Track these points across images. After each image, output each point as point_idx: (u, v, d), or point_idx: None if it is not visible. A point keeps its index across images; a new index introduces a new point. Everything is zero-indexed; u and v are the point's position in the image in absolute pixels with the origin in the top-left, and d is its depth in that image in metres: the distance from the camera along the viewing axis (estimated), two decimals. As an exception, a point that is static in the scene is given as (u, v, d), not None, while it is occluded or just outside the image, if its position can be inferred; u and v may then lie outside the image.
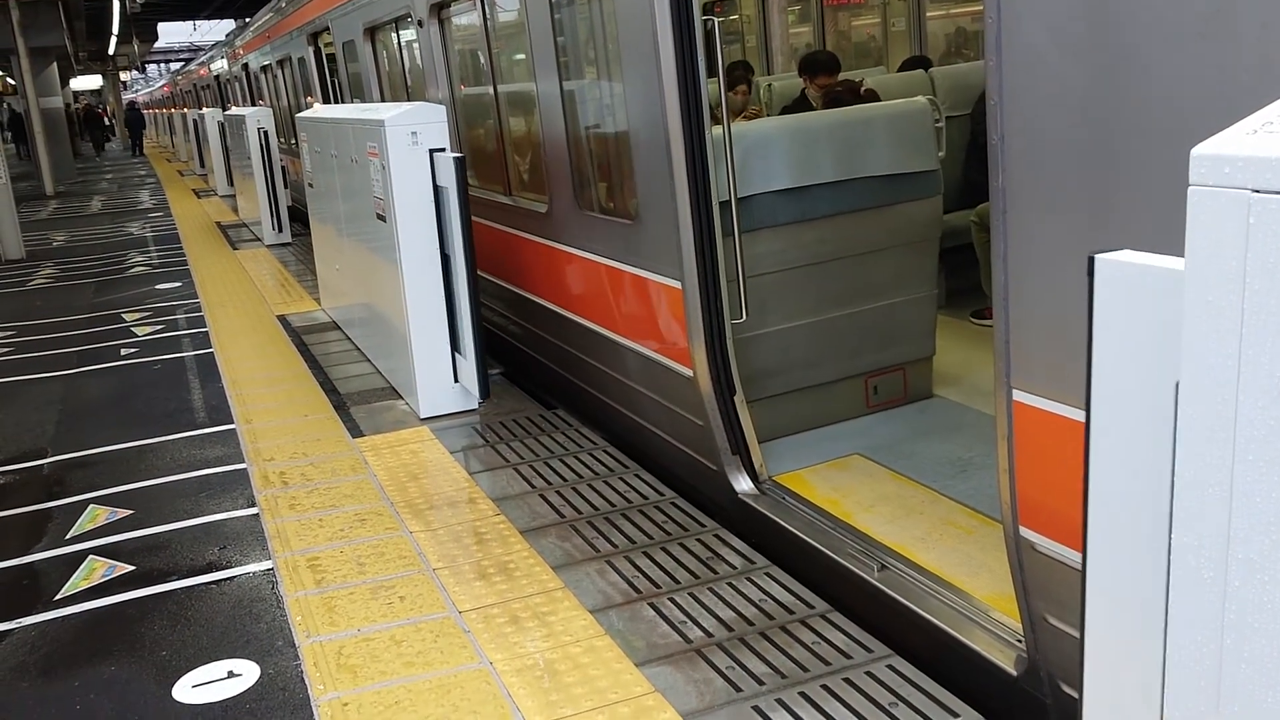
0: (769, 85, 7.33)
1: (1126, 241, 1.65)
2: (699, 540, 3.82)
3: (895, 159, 4.46)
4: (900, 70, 7.36)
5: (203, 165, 21.67)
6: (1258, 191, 1.11)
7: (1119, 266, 1.41)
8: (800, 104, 6.14)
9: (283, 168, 11.71)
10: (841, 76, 6.08)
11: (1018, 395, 2.53)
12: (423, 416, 5.41)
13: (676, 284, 4.09)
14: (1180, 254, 1.24)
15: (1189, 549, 1.24)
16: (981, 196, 4.81)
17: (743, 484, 4.09)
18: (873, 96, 5.62)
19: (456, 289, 5.19)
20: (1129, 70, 2.10)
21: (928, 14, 8.77)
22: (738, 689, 2.93)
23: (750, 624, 3.24)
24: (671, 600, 3.42)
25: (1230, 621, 1.22)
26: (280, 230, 11.95)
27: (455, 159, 5.03)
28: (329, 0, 9.75)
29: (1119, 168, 2.16)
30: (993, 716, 2.78)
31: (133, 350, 7.60)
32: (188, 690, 3.19)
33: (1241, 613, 1.21)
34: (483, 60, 6.48)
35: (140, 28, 38.95)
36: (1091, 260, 1.44)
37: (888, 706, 2.78)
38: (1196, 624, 1.25)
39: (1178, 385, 1.24)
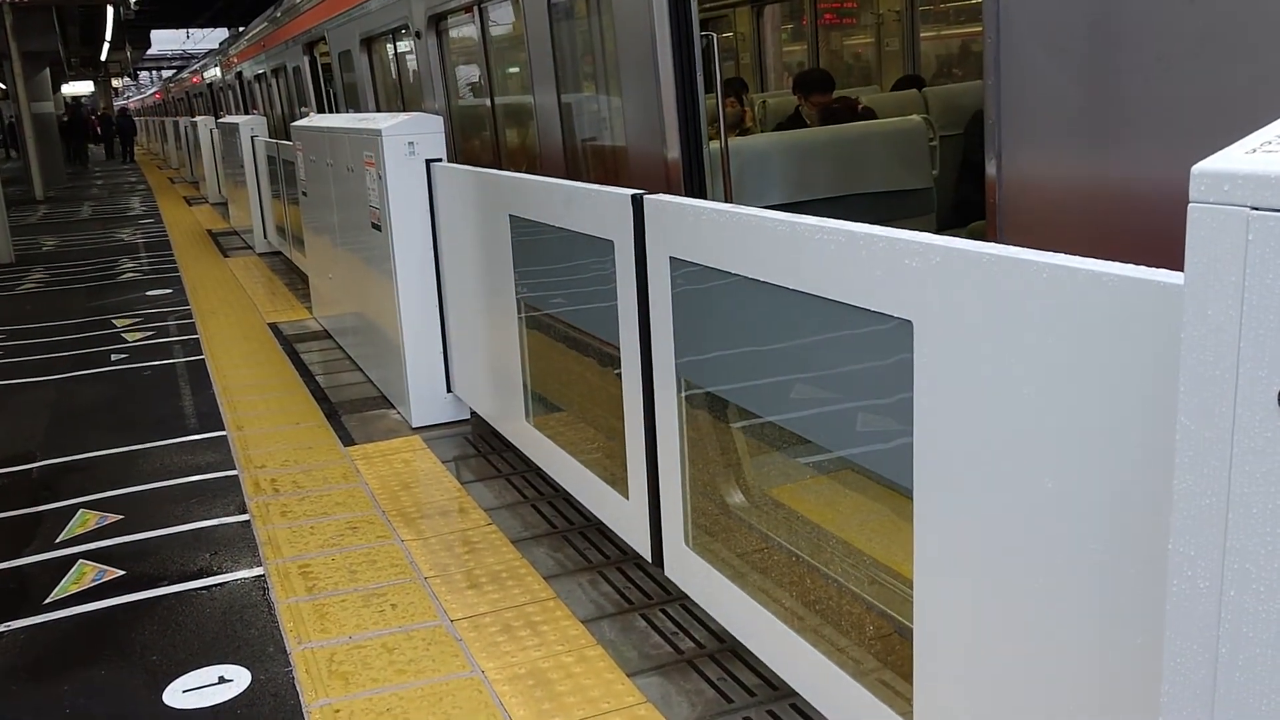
0: (763, 102, 7.37)
1: (1128, 255, 1.68)
2: (691, 552, 3.82)
3: (890, 176, 4.51)
4: (894, 89, 7.42)
5: (194, 172, 21.65)
6: (1256, 209, 1.13)
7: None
8: (794, 121, 6.19)
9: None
10: (836, 94, 6.14)
11: None
12: (415, 426, 5.41)
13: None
14: (1178, 267, 1.27)
15: (1186, 559, 1.26)
16: (973, 215, 4.85)
17: (735, 497, 4.10)
18: (869, 114, 5.67)
19: None
20: (1129, 90, 2.13)
21: (921, 34, 8.84)
22: (729, 700, 2.94)
23: (742, 636, 3.25)
24: (663, 611, 3.43)
25: (1226, 631, 1.24)
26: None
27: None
28: (325, 10, 9.77)
29: (1117, 188, 2.19)
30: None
31: (123, 356, 7.59)
32: (178, 695, 3.19)
33: (1237, 623, 1.23)
34: (480, 72, 6.50)
35: (133, 34, 38.91)
36: None
37: None
38: (1192, 633, 1.27)
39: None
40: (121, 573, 4.05)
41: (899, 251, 1.99)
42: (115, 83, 57.32)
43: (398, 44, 8.17)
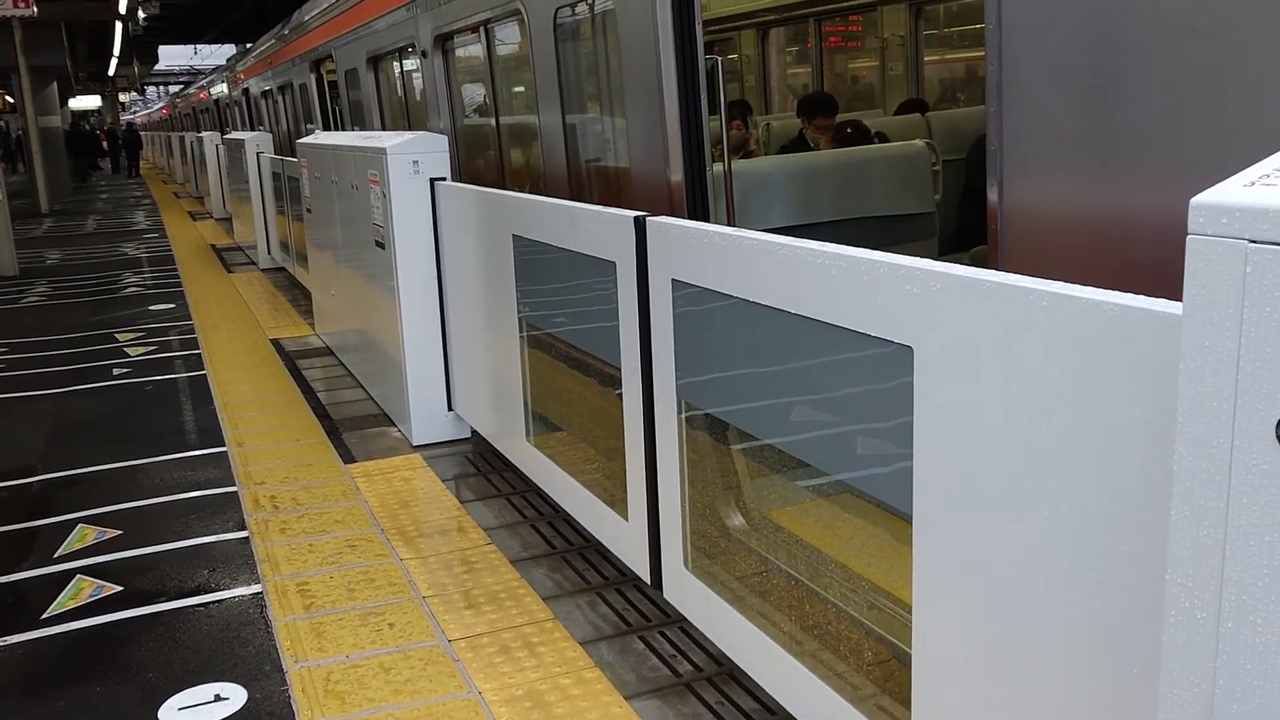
0: (767, 124, 7.41)
1: (1127, 283, 1.69)
2: (690, 574, 3.82)
3: (892, 200, 4.52)
4: (897, 113, 7.45)
5: (199, 188, 21.73)
6: (1254, 242, 1.14)
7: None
8: (798, 144, 6.21)
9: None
10: (840, 119, 6.17)
11: None
12: (415, 444, 5.41)
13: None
14: (1179, 297, 1.27)
15: (1183, 590, 1.26)
16: (975, 239, 4.86)
17: (734, 520, 4.09)
18: (881, 139, 5.70)
19: None
20: (1130, 119, 2.14)
21: (925, 58, 8.88)
22: (727, 724, 2.93)
23: (740, 659, 3.24)
24: (662, 634, 3.42)
25: (1223, 663, 1.24)
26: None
27: None
28: (333, 29, 9.83)
29: (1118, 216, 2.20)
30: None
31: (125, 370, 7.60)
32: (174, 713, 3.17)
33: (1234, 655, 1.23)
34: (485, 92, 6.54)
35: (141, 50, 39.15)
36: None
37: (876, 745, 2.78)
38: (1189, 664, 1.27)
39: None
40: (119, 588, 4.04)
41: (900, 277, 2.00)
42: (122, 97, 57.59)
43: (404, 63, 8.22)
